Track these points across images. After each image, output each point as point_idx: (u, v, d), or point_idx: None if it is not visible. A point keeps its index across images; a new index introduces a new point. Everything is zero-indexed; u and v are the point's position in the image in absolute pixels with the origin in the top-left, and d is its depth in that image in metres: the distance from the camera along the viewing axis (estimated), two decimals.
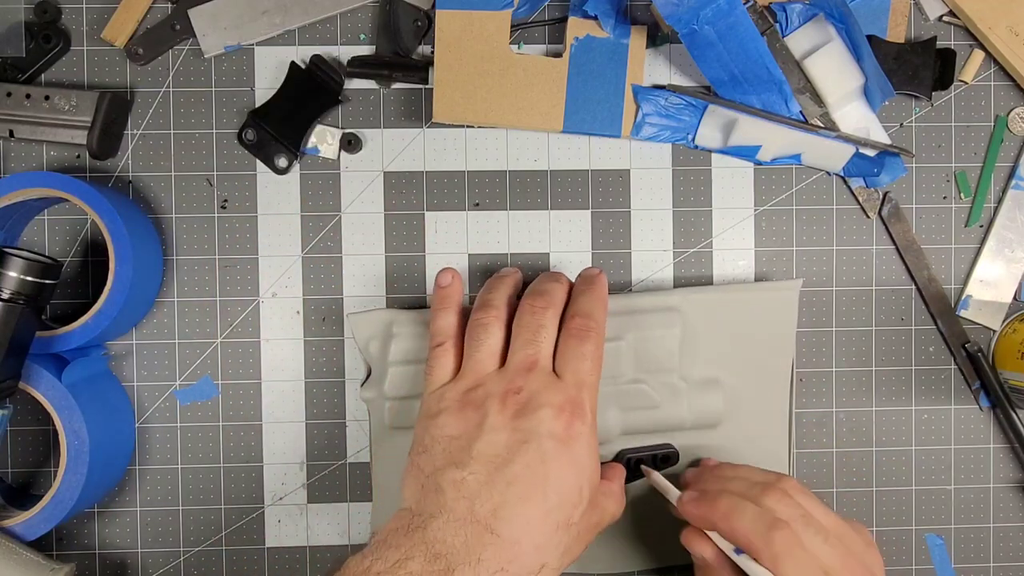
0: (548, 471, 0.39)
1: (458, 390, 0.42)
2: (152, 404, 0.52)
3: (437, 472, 0.40)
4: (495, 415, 0.40)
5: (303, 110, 0.50)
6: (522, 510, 0.38)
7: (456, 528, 0.38)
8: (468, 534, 0.37)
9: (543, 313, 0.43)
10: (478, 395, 0.41)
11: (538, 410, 0.40)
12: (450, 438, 0.41)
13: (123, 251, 0.46)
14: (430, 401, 0.43)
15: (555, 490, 0.39)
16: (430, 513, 0.38)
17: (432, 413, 0.42)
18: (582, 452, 0.40)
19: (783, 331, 0.51)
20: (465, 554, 0.37)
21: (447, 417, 0.41)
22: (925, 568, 0.53)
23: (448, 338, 0.45)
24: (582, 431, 0.40)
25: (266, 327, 0.52)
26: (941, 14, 0.52)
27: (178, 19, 0.50)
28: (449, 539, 0.37)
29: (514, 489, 0.38)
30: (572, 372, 0.42)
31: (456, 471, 0.39)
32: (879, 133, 0.51)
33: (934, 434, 0.53)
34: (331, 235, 0.52)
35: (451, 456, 0.40)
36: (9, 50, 0.50)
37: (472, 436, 0.40)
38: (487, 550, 0.37)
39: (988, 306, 0.52)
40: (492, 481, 0.38)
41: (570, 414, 0.40)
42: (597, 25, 0.50)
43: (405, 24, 0.50)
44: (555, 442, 0.39)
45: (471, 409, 0.41)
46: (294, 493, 0.52)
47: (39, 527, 0.46)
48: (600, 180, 0.52)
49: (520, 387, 0.41)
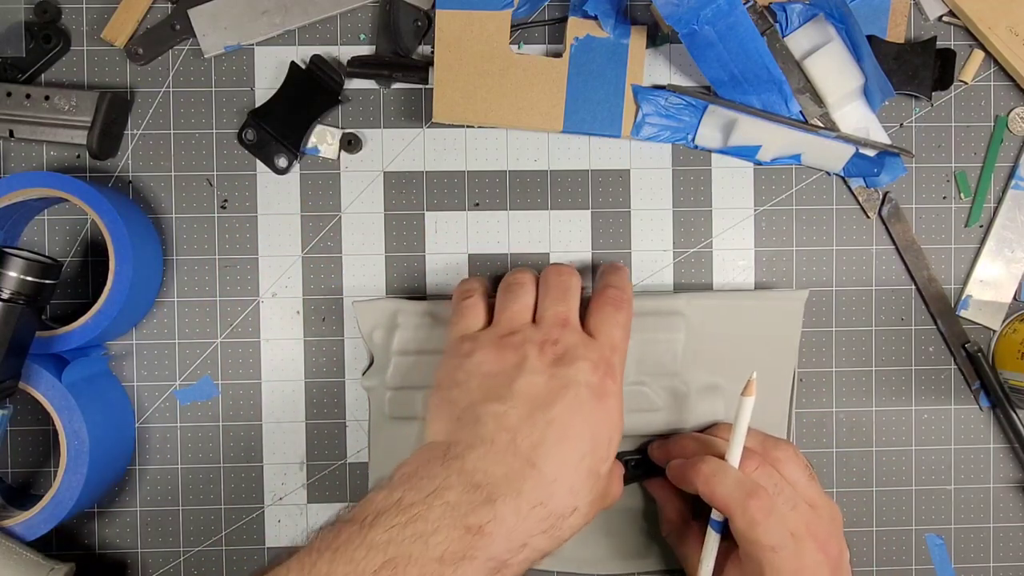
0: (585, 418, 0.40)
1: (494, 334, 0.43)
2: (152, 404, 0.52)
3: (475, 404, 0.40)
4: (534, 359, 0.41)
5: (303, 110, 0.50)
6: (560, 450, 0.38)
7: (498, 458, 0.38)
8: (510, 466, 0.37)
9: (569, 277, 0.45)
10: (516, 339, 0.42)
11: (576, 361, 0.41)
12: (487, 375, 0.41)
13: (123, 251, 0.46)
14: (460, 343, 0.43)
15: (590, 436, 0.40)
16: (468, 443, 0.38)
17: (464, 352, 0.42)
18: (613, 408, 0.41)
19: (787, 340, 0.51)
20: (506, 485, 0.37)
21: (483, 355, 0.42)
22: (925, 568, 0.53)
23: (476, 292, 0.46)
24: (613, 389, 0.42)
25: (266, 327, 0.52)
26: (941, 14, 0.52)
27: (178, 19, 0.50)
28: (490, 469, 0.37)
29: (553, 429, 0.39)
30: (606, 335, 0.43)
31: (497, 404, 0.39)
32: (879, 133, 0.51)
33: (934, 434, 0.53)
34: (331, 235, 0.52)
35: (490, 391, 0.40)
36: (9, 50, 0.50)
37: (511, 375, 0.40)
38: (527, 483, 0.37)
39: (988, 306, 0.52)
40: (533, 418, 0.39)
41: (604, 372, 0.41)
42: (597, 25, 0.50)
43: (405, 24, 0.50)
44: (591, 392, 0.40)
45: (509, 351, 0.41)
46: (294, 493, 0.52)
47: (39, 527, 0.46)
48: (600, 180, 0.52)
49: (557, 339, 0.42)
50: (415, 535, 0.35)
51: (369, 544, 0.34)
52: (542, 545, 0.37)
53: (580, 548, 0.51)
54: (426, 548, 0.34)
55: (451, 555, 0.34)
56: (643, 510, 0.51)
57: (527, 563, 0.37)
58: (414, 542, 0.34)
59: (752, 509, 0.41)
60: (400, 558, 0.34)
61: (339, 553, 0.34)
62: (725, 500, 0.42)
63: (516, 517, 0.36)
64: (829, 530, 0.43)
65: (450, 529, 0.35)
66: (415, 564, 0.34)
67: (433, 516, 0.35)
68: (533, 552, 0.37)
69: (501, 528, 0.36)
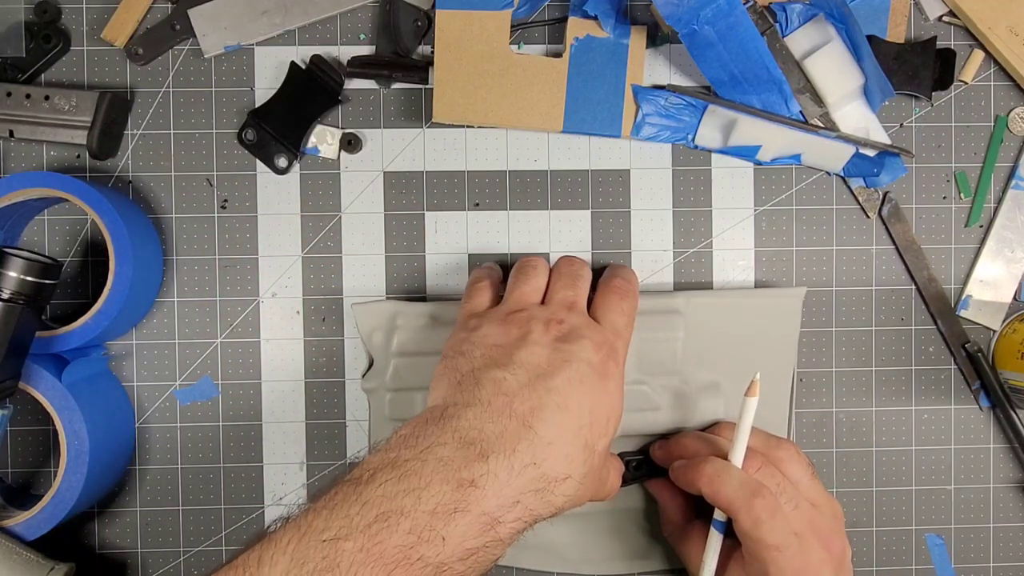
0: (585, 392, 0.40)
1: (501, 311, 0.44)
2: (152, 404, 0.52)
3: (477, 370, 0.40)
4: (539, 333, 0.42)
5: (303, 110, 0.50)
6: (558, 417, 0.39)
7: (492, 418, 0.38)
8: (505, 426, 0.38)
9: (581, 266, 0.46)
10: (522, 316, 0.43)
11: (579, 339, 0.41)
12: (492, 345, 0.42)
13: (123, 251, 0.46)
14: (469, 319, 0.44)
15: (589, 409, 0.40)
16: (465, 403, 0.39)
17: (472, 326, 0.43)
18: (614, 389, 0.42)
19: (786, 338, 0.51)
20: (499, 443, 0.37)
21: (490, 327, 0.43)
22: (925, 568, 0.53)
23: (487, 280, 0.47)
24: (615, 372, 0.42)
25: (266, 327, 0.52)
26: (941, 14, 0.52)
27: (178, 19, 0.50)
28: (485, 427, 0.38)
29: (553, 397, 0.39)
30: (611, 322, 0.44)
31: (498, 371, 0.40)
32: (879, 133, 0.51)
33: (934, 434, 0.53)
34: (331, 235, 0.52)
35: (493, 359, 0.41)
36: (9, 50, 0.50)
37: (515, 346, 0.41)
38: (521, 443, 0.37)
39: (988, 306, 0.52)
40: (532, 385, 0.39)
41: (606, 353, 0.42)
42: (597, 25, 0.50)
43: (405, 24, 0.50)
44: (592, 370, 0.41)
45: (515, 325, 0.42)
46: (294, 493, 0.52)
47: (39, 527, 0.46)
48: (600, 180, 0.52)
49: (562, 319, 0.43)
50: (407, 489, 0.35)
51: (364, 500, 0.35)
52: (534, 505, 0.37)
53: (582, 549, 0.51)
54: (418, 502, 0.35)
55: (443, 508, 0.35)
56: (644, 510, 0.51)
57: (519, 524, 0.37)
58: (406, 496, 0.35)
59: (757, 508, 0.41)
60: (393, 512, 0.34)
61: (335, 510, 0.34)
62: (729, 500, 0.42)
63: (508, 473, 0.36)
64: (832, 528, 0.43)
65: (442, 483, 0.35)
66: (407, 517, 0.34)
67: (426, 471, 0.35)
68: (525, 512, 0.37)
69: (493, 483, 0.36)
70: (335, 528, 0.34)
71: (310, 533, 0.34)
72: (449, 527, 0.34)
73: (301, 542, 0.33)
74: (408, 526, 0.34)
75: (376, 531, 0.34)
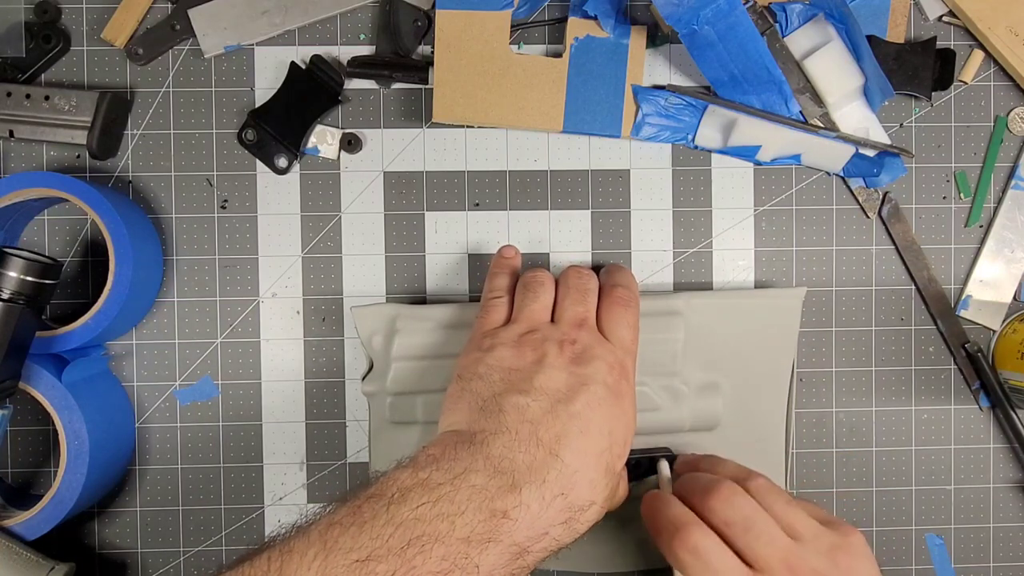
0: (604, 414, 0.40)
1: (514, 331, 0.44)
2: (152, 404, 0.52)
3: (498, 396, 0.40)
4: (554, 356, 0.41)
5: (303, 110, 0.50)
6: (581, 443, 0.39)
7: (521, 447, 0.38)
8: (534, 455, 0.38)
9: (589, 279, 0.46)
10: (535, 338, 0.43)
11: (593, 360, 0.41)
12: (509, 369, 0.41)
13: (123, 251, 0.46)
14: (483, 339, 0.44)
15: (608, 431, 0.40)
16: (492, 431, 0.39)
17: (486, 347, 0.43)
18: (628, 407, 0.42)
19: (785, 338, 0.51)
20: (530, 473, 0.37)
21: (504, 351, 0.42)
22: (925, 568, 0.53)
23: (505, 293, 0.47)
24: (628, 391, 0.42)
25: (266, 327, 0.52)
26: (941, 14, 0.52)
27: (178, 19, 0.50)
28: (515, 457, 0.38)
29: (575, 422, 0.39)
30: (619, 338, 0.44)
31: (519, 396, 0.40)
32: (879, 133, 0.51)
33: (934, 434, 0.53)
34: (331, 235, 0.52)
35: (512, 384, 0.41)
36: (9, 50, 0.50)
37: (532, 370, 0.41)
38: (551, 472, 0.37)
39: (988, 306, 0.52)
40: (555, 411, 0.39)
41: (619, 373, 0.42)
42: (597, 25, 0.50)
43: (405, 24, 0.50)
44: (609, 391, 0.41)
45: (529, 348, 0.42)
46: (294, 493, 0.52)
47: (39, 527, 0.46)
48: (600, 180, 0.52)
49: (575, 339, 0.42)
50: (442, 515, 0.35)
51: (396, 521, 0.34)
52: (560, 536, 0.38)
53: (581, 546, 0.51)
54: (453, 528, 0.34)
55: (477, 537, 0.35)
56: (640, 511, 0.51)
57: (544, 553, 0.37)
58: (441, 521, 0.34)
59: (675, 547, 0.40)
60: (427, 536, 0.34)
61: (364, 528, 0.34)
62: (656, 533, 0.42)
63: (540, 505, 0.37)
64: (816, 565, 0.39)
65: (476, 512, 0.35)
66: (442, 543, 0.34)
67: (460, 497, 0.35)
68: (551, 542, 0.37)
69: (526, 514, 0.36)
70: (366, 548, 0.33)
71: (337, 551, 0.33)
72: (482, 556, 0.35)
73: (328, 559, 0.33)
74: (442, 552, 0.34)
75: (411, 556, 0.33)
